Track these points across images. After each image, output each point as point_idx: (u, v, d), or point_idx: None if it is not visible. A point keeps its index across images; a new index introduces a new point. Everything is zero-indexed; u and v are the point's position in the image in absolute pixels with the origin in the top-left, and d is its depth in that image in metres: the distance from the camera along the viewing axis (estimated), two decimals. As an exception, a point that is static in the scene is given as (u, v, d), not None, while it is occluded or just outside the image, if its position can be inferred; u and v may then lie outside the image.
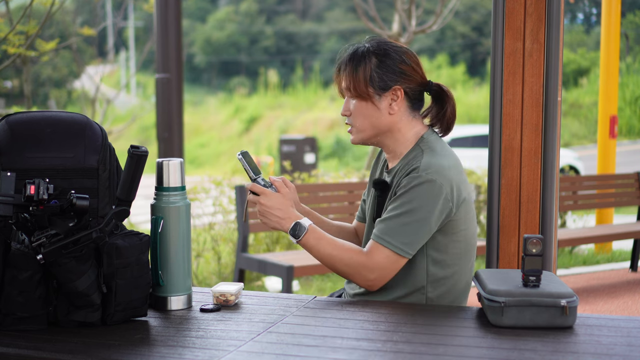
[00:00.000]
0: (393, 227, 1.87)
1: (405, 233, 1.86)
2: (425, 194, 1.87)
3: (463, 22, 29.06)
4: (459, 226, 1.95)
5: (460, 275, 2.00)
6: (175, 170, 1.81)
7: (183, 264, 1.82)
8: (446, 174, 1.91)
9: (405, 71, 1.99)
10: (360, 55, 2.00)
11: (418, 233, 1.87)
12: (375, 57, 1.99)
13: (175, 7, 5.34)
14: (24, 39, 4.85)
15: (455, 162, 1.98)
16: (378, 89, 1.98)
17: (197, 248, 5.96)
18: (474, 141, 12.38)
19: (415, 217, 1.86)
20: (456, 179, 1.93)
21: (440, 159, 1.94)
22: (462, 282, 2.01)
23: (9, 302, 1.62)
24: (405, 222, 1.86)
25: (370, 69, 1.98)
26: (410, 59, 2.01)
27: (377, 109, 1.99)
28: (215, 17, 32.51)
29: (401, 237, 1.86)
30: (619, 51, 7.30)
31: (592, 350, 1.50)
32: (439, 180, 1.88)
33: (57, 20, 12.99)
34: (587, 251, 7.12)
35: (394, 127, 2.01)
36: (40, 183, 1.57)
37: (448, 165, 1.93)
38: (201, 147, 23.65)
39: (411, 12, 7.76)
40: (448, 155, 1.98)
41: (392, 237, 1.87)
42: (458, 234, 1.96)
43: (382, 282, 1.91)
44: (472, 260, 2.05)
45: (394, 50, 2.01)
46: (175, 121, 5.39)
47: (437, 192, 1.88)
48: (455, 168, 1.96)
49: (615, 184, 6.65)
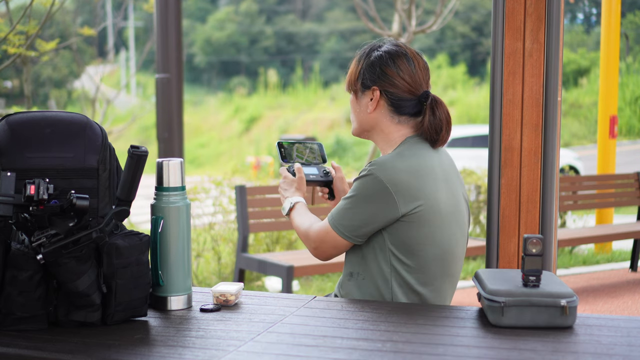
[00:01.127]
0: (338, 208, 2.02)
1: (344, 216, 1.99)
2: (363, 186, 1.96)
3: (463, 22, 29.06)
4: (419, 231, 1.94)
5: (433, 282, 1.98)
6: (175, 170, 1.81)
7: (183, 264, 1.82)
8: (393, 175, 1.92)
9: (388, 75, 2.03)
10: (363, 53, 2.10)
11: (355, 221, 1.97)
12: (370, 56, 2.07)
13: (175, 7, 5.33)
14: (24, 39, 4.85)
15: (416, 167, 1.95)
16: (361, 86, 2.08)
17: (197, 248, 5.96)
18: (474, 141, 12.39)
19: (352, 205, 1.98)
20: (410, 183, 1.92)
21: (395, 160, 1.95)
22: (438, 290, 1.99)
23: (9, 302, 1.62)
24: (345, 207, 1.99)
25: (362, 66, 2.08)
26: (402, 66, 2.02)
27: (358, 105, 2.10)
28: (215, 17, 32.52)
29: (340, 219, 1.99)
30: (619, 51, 7.30)
31: (592, 350, 1.50)
32: (381, 177, 1.93)
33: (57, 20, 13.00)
34: (587, 251, 7.12)
35: (376, 126, 2.08)
36: (40, 183, 1.57)
37: (399, 167, 1.93)
38: (201, 147, 23.67)
39: (411, 12, 7.76)
40: (408, 158, 1.96)
41: (334, 217, 2.01)
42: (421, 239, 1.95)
43: (324, 255, 2.07)
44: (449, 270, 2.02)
45: (393, 53, 2.04)
46: (175, 121, 5.38)
47: (376, 188, 1.93)
48: (412, 172, 1.94)
49: (615, 184, 6.65)
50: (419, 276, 1.97)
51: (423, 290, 1.98)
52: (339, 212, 2.00)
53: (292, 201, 2.17)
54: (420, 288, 1.97)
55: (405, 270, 1.96)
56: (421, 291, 1.97)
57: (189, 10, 31.74)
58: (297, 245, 6.13)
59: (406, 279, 1.96)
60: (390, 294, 1.97)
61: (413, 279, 1.97)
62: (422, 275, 1.97)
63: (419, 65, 2.05)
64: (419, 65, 2.05)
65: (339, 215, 1.99)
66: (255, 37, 32.10)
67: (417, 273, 1.97)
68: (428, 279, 1.98)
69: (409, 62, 2.04)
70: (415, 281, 1.97)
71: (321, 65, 29.50)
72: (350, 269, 2.05)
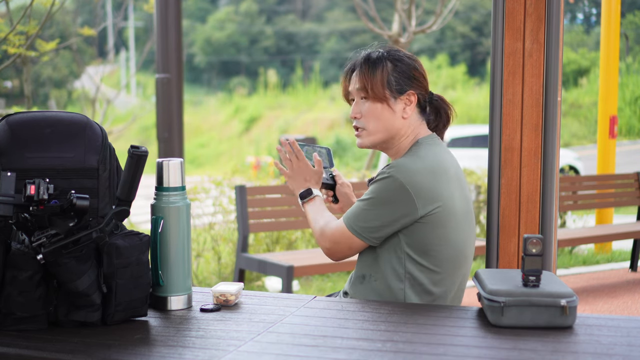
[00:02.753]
0: (355, 209, 2.01)
1: (362, 218, 1.98)
2: (383, 188, 1.96)
3: (463, 22, 29.06)
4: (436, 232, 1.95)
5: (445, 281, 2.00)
6: (175, 170, 1.81)
7: (183, 264, 1.82)
8: (412, 177, 1.94)
9: (417, 77, 2.07)
10: (376, 59, 2.06)
11: (373, 222, 1.97)
12: (390, 62, 2.05)
13: (175, 7, 5.33)
14: (24, 39, 4.85)
15: (432, 167, 1.97)
16: (395, 92, 2.04)
17: (197, 248, 5.96)
18: (474, 141, 12.38)
19: (372, 207, 1.97)
20: (428, 185, 1.94)
21: (413, 162, 1.97)
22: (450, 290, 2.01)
23: (9, 302, 1.62)
24: (364, 208, 1.98)
25: (387, 72, 2.04)
26: (420, 68, 2.11)
27: (393, 111, 2.05)
28: (215, 17, 32.51)
29: (358, 221, 1.99)
30: (619, 51, 7.30)
31: (592, 350, 1.50)
32: (401, 180, 1.93)
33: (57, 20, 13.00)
34: (587, 251, 7.12)
35: (401, 131, 2.06)
36: (40, 183, 1.57)
37: (417, 169, 1.95)
38: (201, 147, 23.66)
39: (411, 12, 7.76)
40: (427, 160, 1.98)
41: (351, 218, 2.00)
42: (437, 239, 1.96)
43: (337, 255, 2.06)
44: (461, 269, 2.05)
45: (407, 56, 2.09)
46: (175, 121, 5.38)
47: (397, 191, 1.93)
48: (429, 173, 1.95)
49: (615, 184, 6.65)
50: (432, 277, 1.98)
51: (436, 291, 1.98)
52: (355, 214, 1.99)
53: (314, 193, 2.15)
54: (433, 288, 1.98)
55: (419, 270, 1.97)
56: (434, 291, 1.98)
57: (189, 10, 31.72)
58: (297, 245, 6.13)
59: (419, 280, 1.97)
60: (403, 295, 1.98)
61: (427, 279, 1.97)
62: (436, 276, 1.98)
63: (420, 63, 2.12)
64: (420, 63, 2.13)
65: (355, 216, 1.99)
66: (255, 37, 32.09)
67: (432, 274, 1.98)
68: (441, 279, 1.99)
69: (419, 63, 2.12)
70: (429, 282, 1.97)
71: (321, 65, 29.49)
72: (362, 271, 2.05)
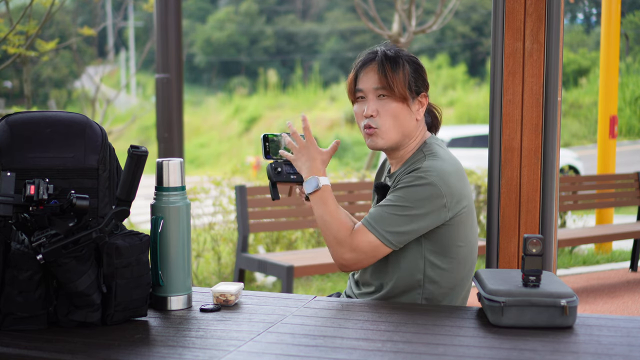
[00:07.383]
0: (383, 215, 1.90)
1: (393, 223, 1.88)
2: (423, 195, 1.89)
3: (463, 22, 29.04)
4: (458, 233, 1.96)
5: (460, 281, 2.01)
6: (175, 170, 1.81)
7: (183, 264, 1.82)
8: (447, 180, 1.93)
9: (426, 79, 2.08)
10: (396, 57, 2.02)
11: (405, 227, 1.89)
12: (407, 62, 2.03)
13: (175, 7, 5.33)
14: (24, 39, 4.85)
15: (457, 167, 1.99)
16: (414, 93, 2.02)
17: (197, 248, 5.96)
18: (474, 141, 12.37)
19: (407, 212, 1.89)
20: (458, 186, 1.95)
21: (442, 164, 1.96)
22: (462, 289, 2.02)
23: (9, 302, 1.62)
24: (396, 214, 1.89)
25: (408, 72, 2.01)
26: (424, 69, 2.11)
27: (410, 112, 2.02)
28: (215, 17, 32.49)
29: (388, 226, 1.88)
30: (619, 51, 7.29)
31: (592, 350, 1.50)
32: (439, 185, 1.91)
33: (57, 20, 13.00)
34: (587, 251, 7.12)
35: (413, 133, 2.04)
36: (40, 183, 1.57)
37: (449, 171, 1.95)
38: (201, 147, 23.65)
39: (411, 12, 7.76)
40: (449, 161, 1.99)
41: (379, 223, 1.89)
42: (458, 240, 1.97)
43: (356, 266, 1.93)
44: (473, 267, 2.06)
45: (417, 59, 2.09)
46: (175, 121, 5.38)
47: (435, 196, 1.90)
48: (456, 174, 1.97)
49: (615, 184, 6.64)
50: (450, 277, 1.98)
51: (450, 292, 1.99)
52: (384, 219, 1.89)
53: (320, 183, 1.95)
54: (448, 289, 1.98)
55: (437, 274, 1.96)
56: (448, 292, 1.99)
57: (189, 10, 31.71)
58: (297, 245, 6.13)
59: (436, 281, 1.96)
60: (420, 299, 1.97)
61: (444, 281, 1.97)
62: (452, 276, 1.98)
63: None
64: None
65: (384, 222, 1.88)
66: (255, 37, 32.07)
67: (449, 274, 1.98)
68: (457, 280, 2.00)
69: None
70: (446, 283, 1.97)
71: (321, 65, 29.47)
72: (381, 280, 1.99)
